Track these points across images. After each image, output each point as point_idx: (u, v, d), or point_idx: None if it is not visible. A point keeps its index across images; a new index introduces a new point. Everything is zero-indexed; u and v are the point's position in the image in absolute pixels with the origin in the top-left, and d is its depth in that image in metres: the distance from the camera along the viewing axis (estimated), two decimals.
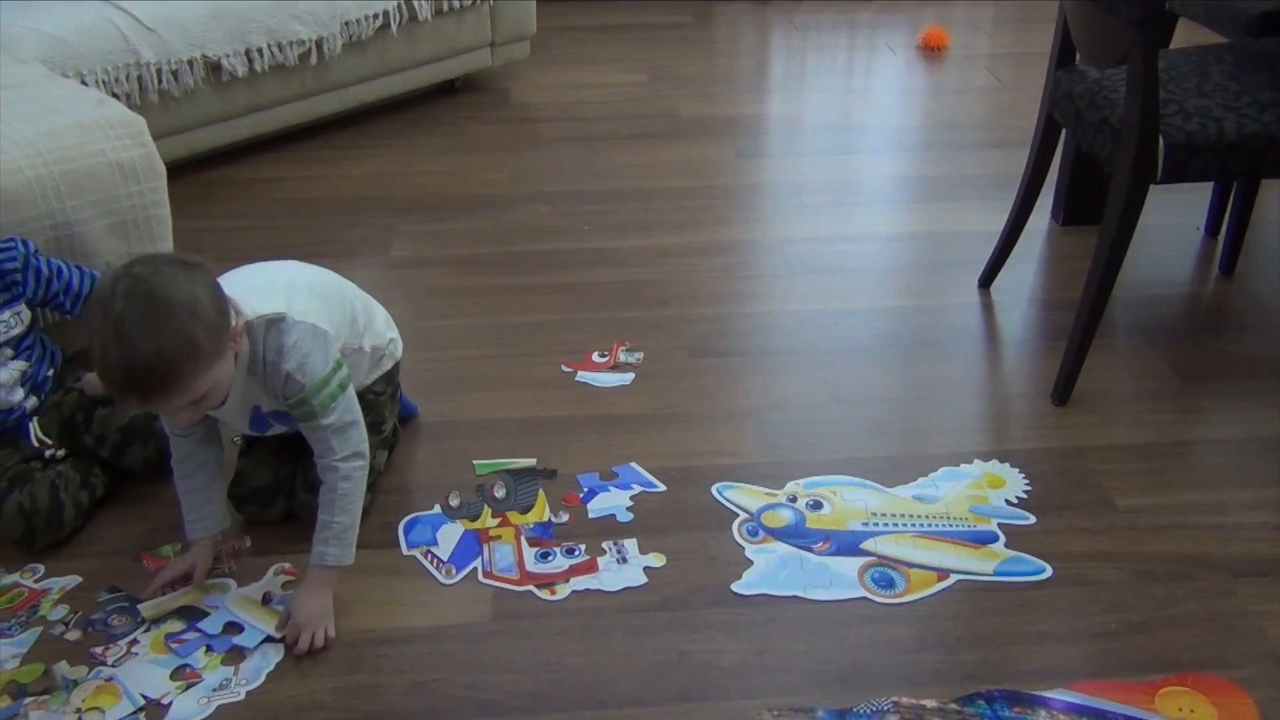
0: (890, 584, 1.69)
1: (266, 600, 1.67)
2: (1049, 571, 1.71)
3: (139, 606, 1.66)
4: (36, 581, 1.72)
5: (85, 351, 1.87)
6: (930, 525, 1.80)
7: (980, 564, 1.72)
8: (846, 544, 1.76)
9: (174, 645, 1.59)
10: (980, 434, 2.05)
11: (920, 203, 2.96)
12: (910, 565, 1.72)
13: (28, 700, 1.51)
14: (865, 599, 1.66)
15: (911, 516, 1.82)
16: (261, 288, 1.62)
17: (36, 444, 1.84)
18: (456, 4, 3.41)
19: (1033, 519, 1.81)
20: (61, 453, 1.86)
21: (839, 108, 3.64)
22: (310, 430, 1.62)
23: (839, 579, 1.70)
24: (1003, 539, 1.77)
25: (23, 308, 1.84)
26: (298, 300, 1.62)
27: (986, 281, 2.48)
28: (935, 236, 2.75)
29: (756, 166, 3.22)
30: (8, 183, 1.86)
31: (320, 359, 1.59)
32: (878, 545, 1.76)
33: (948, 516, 1.82)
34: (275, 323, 1.57)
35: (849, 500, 1.86)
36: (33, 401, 1.87)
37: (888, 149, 3.32)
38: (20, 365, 1.85)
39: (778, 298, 2.50)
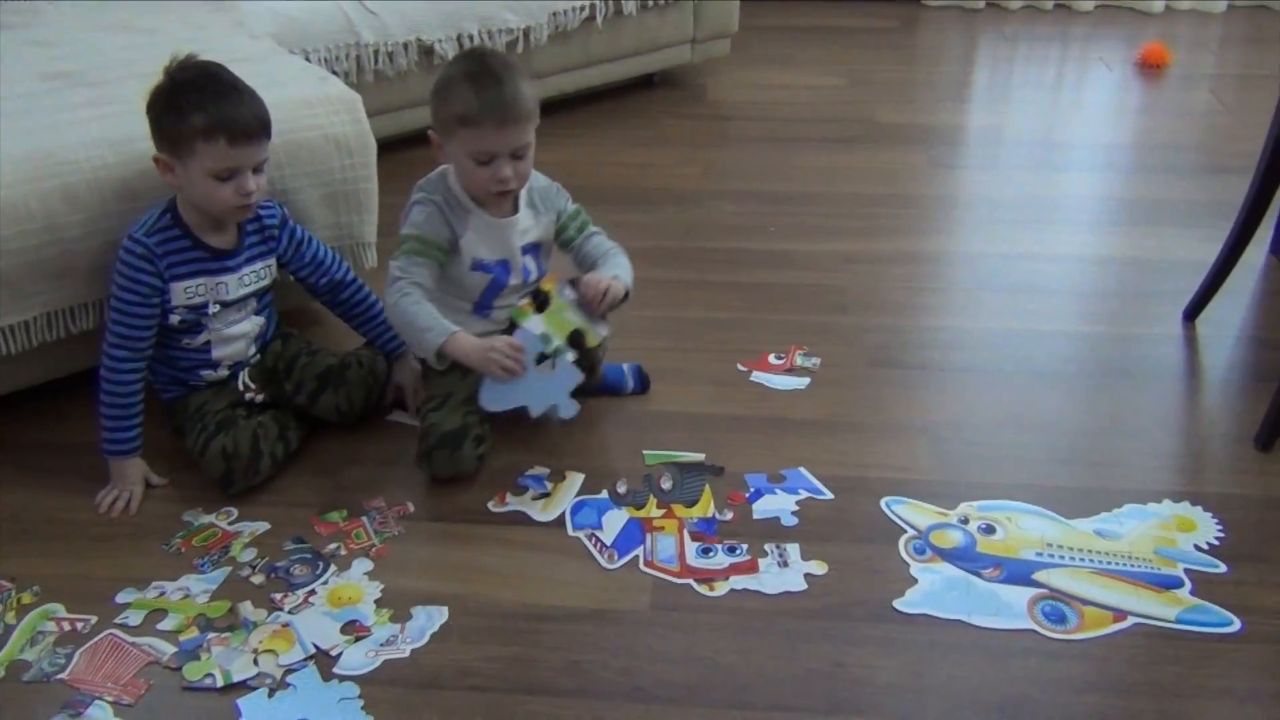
0: (1061, 619, 1.62)
1: None
2: (1237, 625, 1.61)
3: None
4: (230, 524, 1.83)
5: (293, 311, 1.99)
6: (1110, 563, 1.72)
7: (1162, 609, 1.63)
8: (1018, 573, 1.70)
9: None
10: (1173, 473, 1.95)
11: (1125, 226, 2.82)
12: (1085, 602, 1.65)
13: (212, 635, 1.60)
14: (1033, 631, 1.60)
15: (1090, 552, 1.74)
16: None
17: (242, 388, 1.97)
18: (662, 0, 3.44)
19: (1223, 568, 1.71)
20: (261, 397, 1.99)
21: (1044, 122, 3.52)
22: (591, 235, 2.01)
23: (1007, 608, 1.64)
24: (1188, 585, 1.68)
25: (273, 262, 1.98)
26: None
27: (1193, 314, 2.35)
28: (1139, 262, 2.62)
29: (952, 177, 3.14)
30: None
31: None
32: (1051, 577, 1.69)
33: (1130, 556, 1.73)
34: None
35: (1024, 528, 1.79)
36: (256, 357, 2.01)
37: (1094, 168, 3.18)
38: (259, 321, 1.99)
39: (964, 313, 2.43)
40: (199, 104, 1.73)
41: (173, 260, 1.83)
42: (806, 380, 2.18)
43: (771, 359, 2.25)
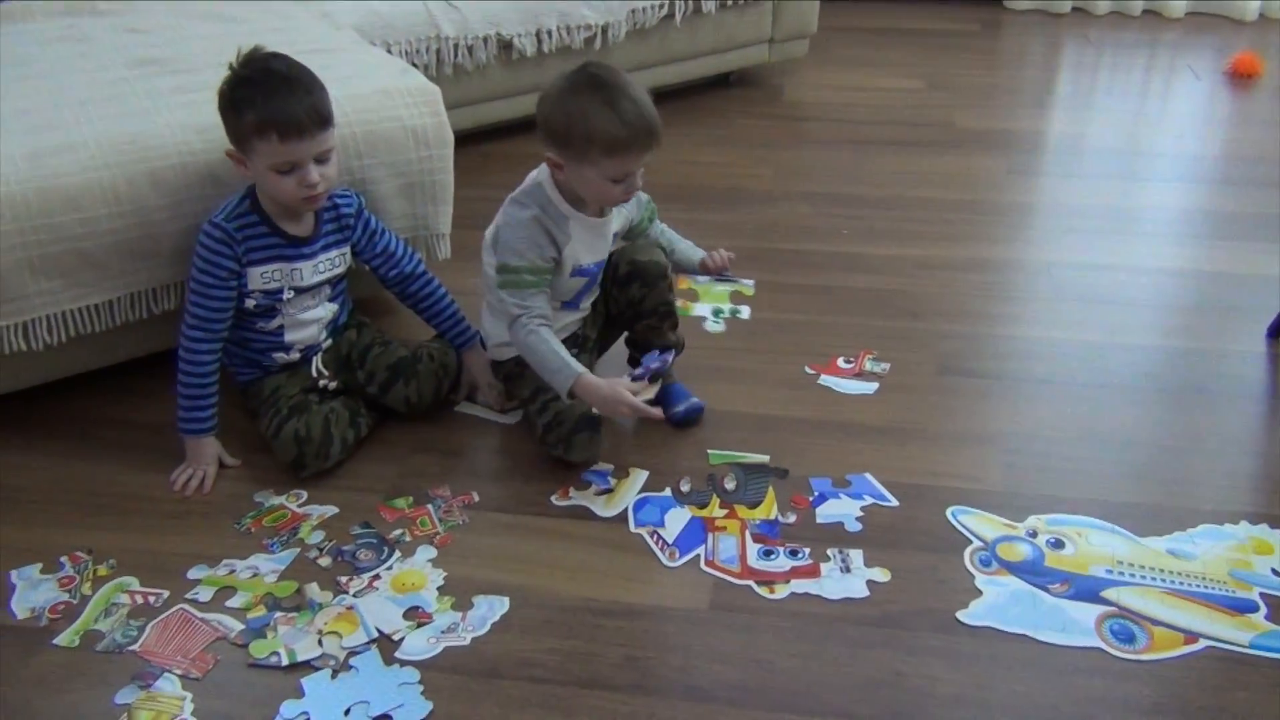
0: (1130, 638, 1.59)
1: None
2: None
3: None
4: (300, 506, 1.86)
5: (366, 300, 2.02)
6: (1182, 584, 1.68)
7: (1235, 633, 1.59)
8: (1086, 589, 1.67)
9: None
10: (1251, 494, 1.89)
11: (1209, 240, 2.75)
12: (1155, 622, 1.61)
13: (279, 614, 1.64)
14: (1100, 650, 1.57)
15: (1162, 571, 1.70)
16: None
17: (315, 374, 2.00)
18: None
19: None
20: (334, 384, 2.02)
21: (1128, 131, 3.44)
22: (659, 225, 2.13)
23: (1074, 625, 1.61)
24: (1264, 610, 1.63)
25: (348, 251, 2.01)
26: None
27: (1277, 331, 2.29)
28: (1222, 277, 2.56)
29: (1030, 185, 3.08)
30: None
31: None
32: (1121, 596, 1.66)
33: (1204, 577, 1.69)
34: None
35: (1094, 544, 1.76)
36: (329, 342, 2.04)
37: (1178, 179, 3.11)
38: (332, 308, 2.02)
39: (1039, 322, 2.39)
40: (251, 101, 1.76)
41: (251, 245, 1.86)
42: (875, 385, 2.16)
43: (840, 363, 2.23)
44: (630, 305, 2.01)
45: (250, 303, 1.90)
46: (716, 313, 2.09)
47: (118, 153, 1.90)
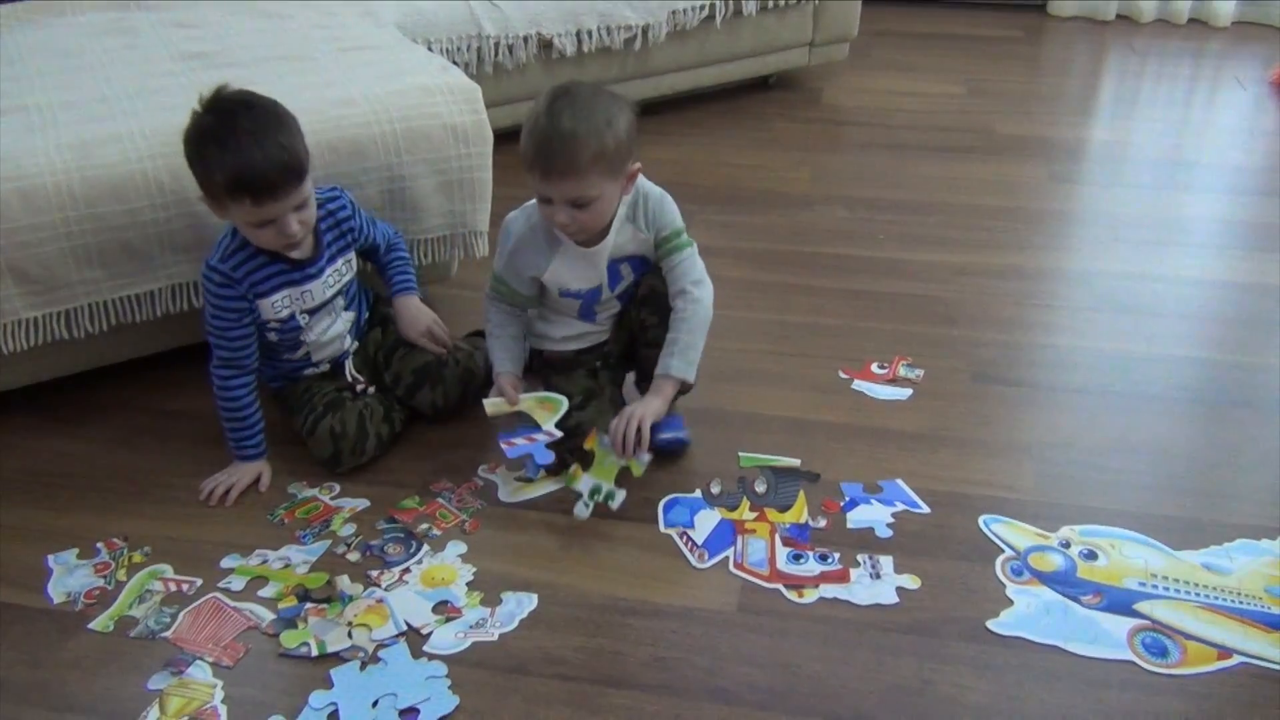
0: (1163, 652, 1.57)
1: None
2: None
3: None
4: (332, 499, 1.88)
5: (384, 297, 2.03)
6: (1217, 598, 1.66)
7: (1270, 649, 1.57)
8: (1119, 601, 1.65)
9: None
10: None
11: (1253, 251, 2.72)
12: (1188, 636, 1.59)
13: (309, 605, 1.65)
14: (1132, 663, 1.55)
15: (1197, 585, 1.68)
16: None
17: (350, 379, 2.01)
18: (782, 1, 3.43)
19: None
20: (372, 389, 2.02)
21: (1171, 140, 3.40)
22: (674, 260, 1.86)
23: (1105, 636, 1.59)
24: None
25: (353, 255, 1.98)
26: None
27: None
28: (1266, 289, 2.52)
29: (1071, 193, 3.06)
30: (358, 134, 2.03)
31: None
32: (1154, 609, 1.64)
33: (1239, 593, 1.67)
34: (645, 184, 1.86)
35: (1128, 555, 1.74)
36: (354, 345, 2.04)
37: (1222, 190, 3.07)
38: (350, 316, 2.01)
39: (1076, 332, 2.37)
40: (219, 161, 1.68)
41: (254, 280, 1.82)
42: (909, 391, 2.15)
43: (874, 368, 2.22)
44: (641, 329, 1.95)
45: (271, 335, 1.89)
46: (593, 493, 1.78)
47: (162, 145, 1.92)
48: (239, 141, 1.67)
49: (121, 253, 1.91)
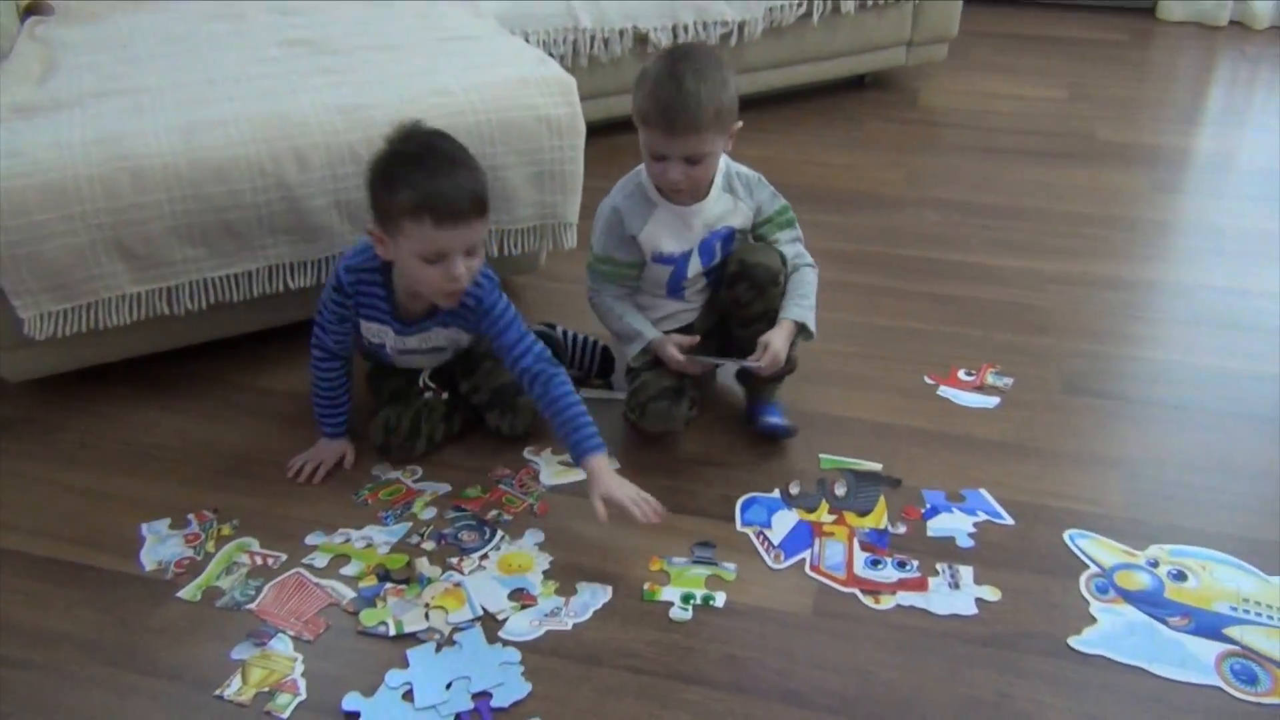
0: (1253, 680, 1.52)
1: None
2: None
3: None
4: (415, 482, 1.91)
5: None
6: None
7: None
8: (1208, 625, 1.61)
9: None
10: None
11: None
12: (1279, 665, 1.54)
13: (389, 585, 1.68)
14: (1219, 689, 1.51)
15: None
16: None
17: (422, 386, 2.02)
18: (882, 0, 3.39)
19: None
20: (445, 394, 2.02)
21: None
22: (788, 235, 1.99)
23: (1192, 660, 1.55)
24: None
25: (462, 335, 1.95)
26: None
27: None
28: None
29: (1173, 202, 2.97)
30: (453, 124, 2.04)
31: None
32: (1244, 634, 1.59)
33: None
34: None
35: (1219, 578, 1.69)
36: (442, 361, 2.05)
37: None
38: (444, 356, 2.00)
39: (1174, 346, 2.30)
40: (409, 180, 1.65)
41: (362, 301, 1.84)
42: (996, 400, 2.11)
43: (961, 374, 2.19)
44: (736, 306, 1.94)
45: (366, 341, 1.94)
46: (686, 599, 1.66)
47: (265, 129, 1.97)
48: (434, 162, 1.68)
49: (223, 233, 1.96)
